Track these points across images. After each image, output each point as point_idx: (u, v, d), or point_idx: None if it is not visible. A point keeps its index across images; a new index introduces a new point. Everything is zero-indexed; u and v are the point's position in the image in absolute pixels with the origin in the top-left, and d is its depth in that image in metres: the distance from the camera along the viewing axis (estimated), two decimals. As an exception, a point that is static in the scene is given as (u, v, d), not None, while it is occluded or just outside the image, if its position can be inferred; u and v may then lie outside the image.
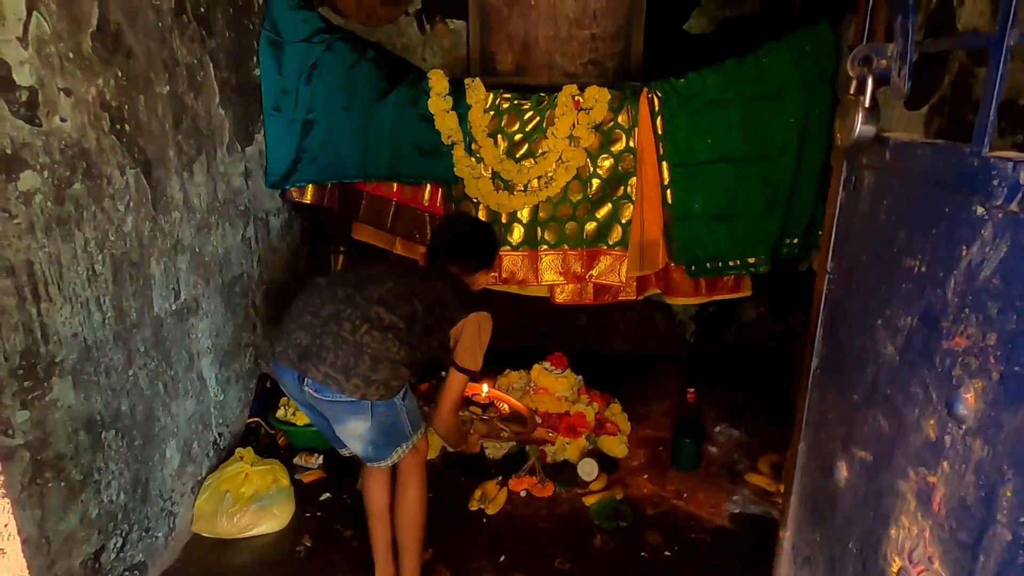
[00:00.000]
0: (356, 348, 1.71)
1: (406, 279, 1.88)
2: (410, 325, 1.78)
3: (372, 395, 1.72)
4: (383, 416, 1.79)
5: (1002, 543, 0.69)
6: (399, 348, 1.75)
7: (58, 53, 1.60)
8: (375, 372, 1.71)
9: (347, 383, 1.69)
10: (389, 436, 1.83)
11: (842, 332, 1.14)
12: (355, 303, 1.77)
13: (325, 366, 1.70)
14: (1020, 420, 0.67)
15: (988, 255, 0.73)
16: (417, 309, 1.80)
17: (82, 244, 1.70)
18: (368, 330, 1.73)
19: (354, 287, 1.82)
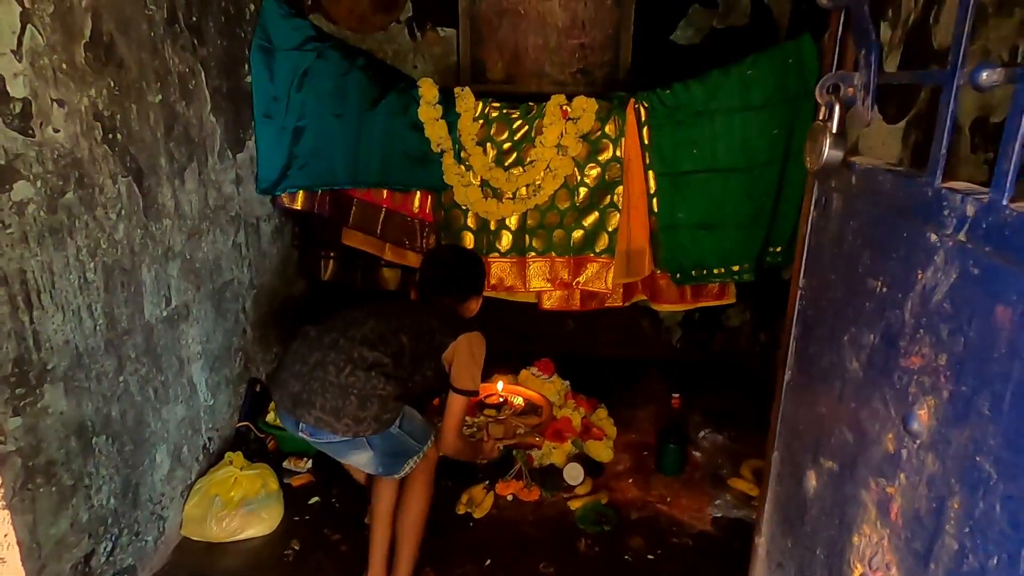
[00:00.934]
0: (342, 390, 1.79)
1: (390, 316, 1.97)
2: (396, 360, 1.86)
3: (364, 431, 1.79)
4: (382, 445, 1.86)
5: (950, 552, 0.73)
6: (385, 384, 1.82)
7: (51, 65, 1.63)
8: (363, 410, 1.78)
9: (338, 423, 1.77)
10: (397, 455, 1.90)
11: (812, 347, 1.18)
12: (339, 347, 1.86)
13: (316, 410, 1.79)
14: (966, 437, 0.72)
15: (940, 280, 0.78)
16: (403, 343, 1.88)
17: (74, 252, 1.73)
18: (352, 371, 1.81)
19: (339, 332, 1.91)
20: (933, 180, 0.79)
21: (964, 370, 0.73)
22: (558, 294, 2.95)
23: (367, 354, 1.83)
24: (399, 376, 1.86)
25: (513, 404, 2.67)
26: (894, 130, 2.03)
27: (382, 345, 1.86)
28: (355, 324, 1.92)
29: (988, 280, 0.69)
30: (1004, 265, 0.66)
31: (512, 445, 2.65)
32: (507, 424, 2.55)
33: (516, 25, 3.24)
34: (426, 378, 1.96)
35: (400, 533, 2.01)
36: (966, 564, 0.71)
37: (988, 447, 0.68)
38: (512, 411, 2.60)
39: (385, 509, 2.04)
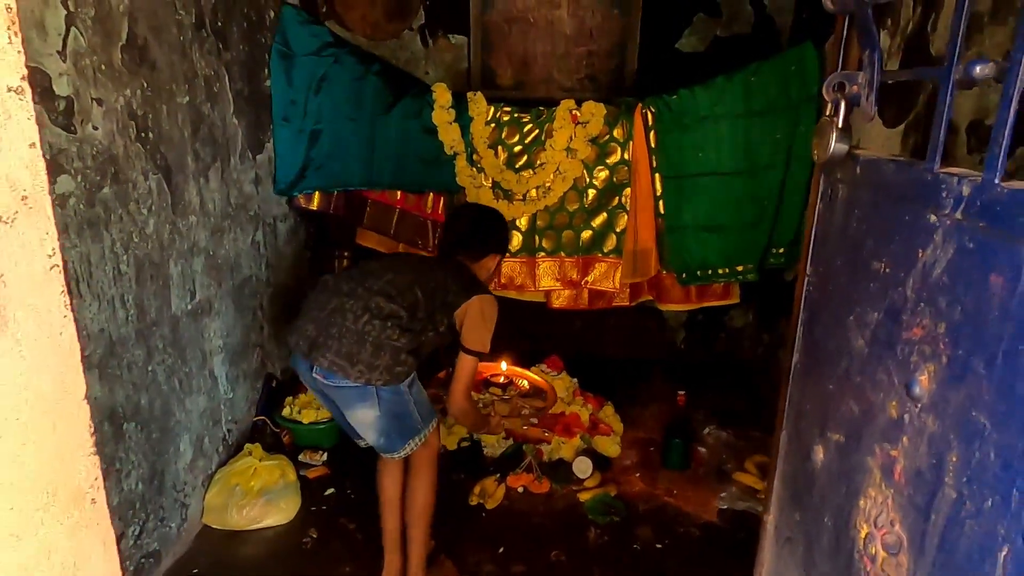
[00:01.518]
0: (359, 337, 1.81)
1: (406, 270, 1.98)
2: (411, 313, 1.87)
3: (376, 380, 1.81)
4: (390, 404, 1.87)
5: (949, 501, 0.81)
6: (399, 335, 1.84)
7: (92, 65, 1.71)
8: (377, 359, 1.80)
9: (352, 369, 1.79)
10: (400, 427, 1.92)
11: (819, 330, 1.26)
12: (357, 295, 1.88)
13: (331, 354, 1.81)
14: (963, 396, 0.79)
15: (939, 257, 0.85)
16: (417, 297, 1.89)
17: (109, 245, 1.80)
18: (369, 319, 1.83)
19: (357, 282, 1.93)
20: (932, 165, 0.87)
21: (961, 335, 0.80)
22: (567, 293, 3.03)
23: (384, 305, 1.85)
24: (413, 329, 1.87)
25: (518, 386, 2.73)
26: (893, 133, 2.12)
27: (399, 297, 1.88)
28: (373, 275, 1.94)
29: (982, 253, 0.77)
30: (997, 239, 0.74)
31: (518, 438, 2.72)
32: (513, 403, 2.60)
33: (525, 33, 3.34)
34: (439, 334, 1.96)
35: (409, 520, 2.05)
36: (963, 510, 0.78)
37: (983, 402, 0.75)
38: (517, 392, 2.66)
39: (391, 498, 2.08)
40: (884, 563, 0.95)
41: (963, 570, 0.77)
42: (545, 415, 2.66)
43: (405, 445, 1.94)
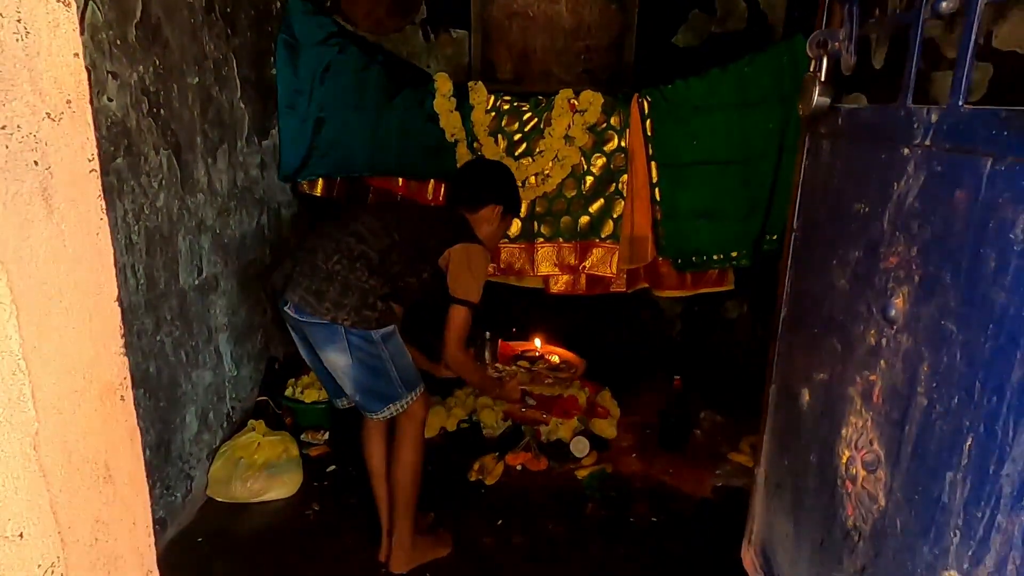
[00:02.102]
0: (327, 275, 1.82)
1: (390, 215, 1.98)
2: (384, 255, 1.86)
3: (343, 319, 1.79)
4: (362, 354, 1.85)
5: (921, 409, 0.86)
6: (368, 277, 1.83)
7: (108, 40, 1.78)
8: (344, 297, 1.80)
9: (319, 306, 1.80)
10: (377, 385, 1.89)
11: (805, 280, 1.32)
12: (332, 237, 1.89)
13: (301, 290, 1.83)
14: (933, 308, 0.85)
15: (911, 186, 0.92)
16: (394, 240, 1.88)
17: (122, 215, 1.86)
18: (339, 259, 1.83)
19: (338, 224, 1.95)
20: (905, 101, 0.93)
21: (931, 254, 0.86)
22: (565, 278, 3.08)
23: (355, 245, 1.85)
24: (385, 272, 1.85)
25: (549, 360, 2.73)
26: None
27: (372, 239, 1.87)
28: (352, 218, 1.94)
29: (949, 173, 0.83)
30: (961, 156, 0.80)
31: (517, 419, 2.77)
32: (536, 373, 2.59)
33: (525, 27, 3.42)
34: (422, 281, 1.94)
35: (393, 490, 2.02)
36: (934, 413, 0.84)
37: (950, 310, 0.81)
38: (547, 366, 2.66)
39: (376, 468, 2.09)
40: (864, 481, 1.00)
41: (933, 469, 0.83)
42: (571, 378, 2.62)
43: (384, 408, 1.92)
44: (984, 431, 0.73)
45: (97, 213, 0.75)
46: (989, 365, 0.73)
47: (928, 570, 0.83)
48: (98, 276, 0.75)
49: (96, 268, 0.75)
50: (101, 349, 0.76)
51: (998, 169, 0.73)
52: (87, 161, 0.73)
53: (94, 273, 0.75)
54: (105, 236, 0.77)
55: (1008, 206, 0.71)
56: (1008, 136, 0.71)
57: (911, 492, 0.87)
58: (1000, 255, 0.72)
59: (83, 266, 0.73)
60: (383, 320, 1.86)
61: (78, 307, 0.72)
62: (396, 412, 1.94)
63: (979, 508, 0.73)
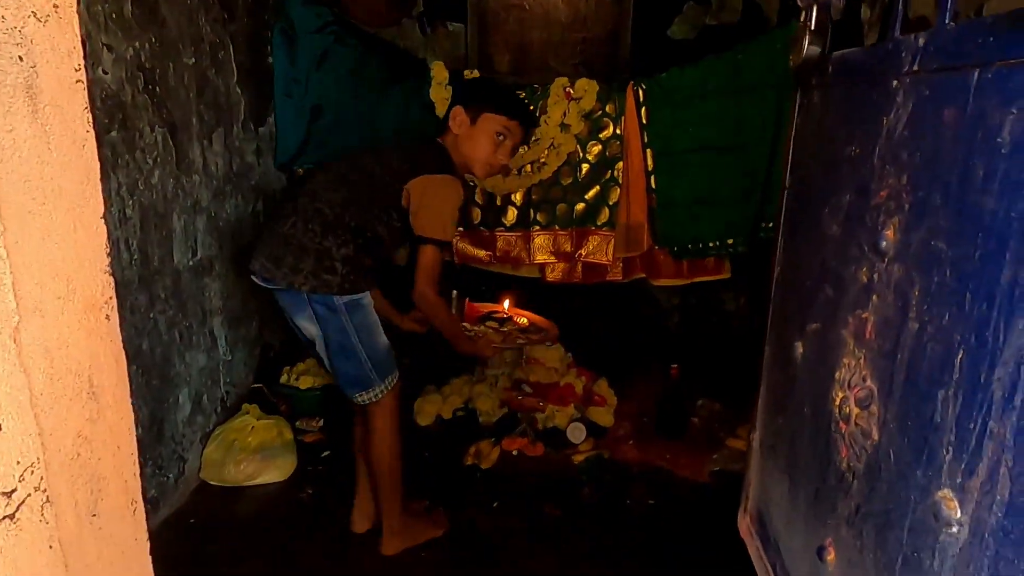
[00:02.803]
0: (283, 240, 1.75)
1: (342, 164, 1.85)
2: (340, 211, 1.75)
3: (300, 284, 1.72)
4: (329, 326, 1.77)
5: (912, 333, 0.86)
6: (323, 237, 1.72)
7: (103, 13, 1.79)
8: (301, 262, 1.72)
9: (277, 271, 1.74)
10: (347, 366, 1.81)
11: (799, 234, 1.31)
12: (292, 201, 1.82)
13: (262, 257, 1.78)
14: (924, 231, 0.85)
15: (900, 116, 0.92)
16: (351, 193, 1.77)
17: (115, 187, 1.86)
18: (293, 223, 1.75)
19: (298, 188, 1.88)
20: (893, 34, 0.93)
21: (921, 178, 0.86)
22: (561, 267, 3.08)
23: (308, 205, 1.76)
24: (342, 229, 1.73)
25: (518, 323, 2.62)
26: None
27: (326, 194, 1.76)
28: (310, 176, 1.85)
29: (937, 94, 0.83)
30: (949, 75, 0.80)
31: (513, 406, 2.76)
32: (508, 335, 2.47)
33: (521, 20, 3.44)
34: (392, 228, 1.80)
35: (373, 476, 1.97)
36: (925, 336, 0.83)
37: (940, 229, 0.81)
38: (516, 327, 2.56)
39: (359, 445, 2.05)
40: (857, 418, 0.99)
41: (926, 392, 0.82)
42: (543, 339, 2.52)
43: (356, 395, 1.84)
44: (975, 340, 0.73)
45: (83, 126, 0.75)
46: (979, 274, 0.73)
47: (921, 494, 0.82)
48: (84, 188, 0.75)
49: (82, 180, 0.75)
50: (85, 262, 0.76)
51: (986, 78, 0.73)
52: (73, 71, 0.73)
53: (80, 184, 0.74)
54: (92, 151, 0.76)
55: (995, 112, 0.71)
56: (994, 41, 0.71)
57: (904, 419, 0.87)
58: (988, 162, 0.72)
59: (68, 175, 0.72)
60: (347, 285, 1.74)
61: (63, 214, 0.71)
62: (369, 400, 1.84)
63: (971, 419, 0.73)
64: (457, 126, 1.90)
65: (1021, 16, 0.65)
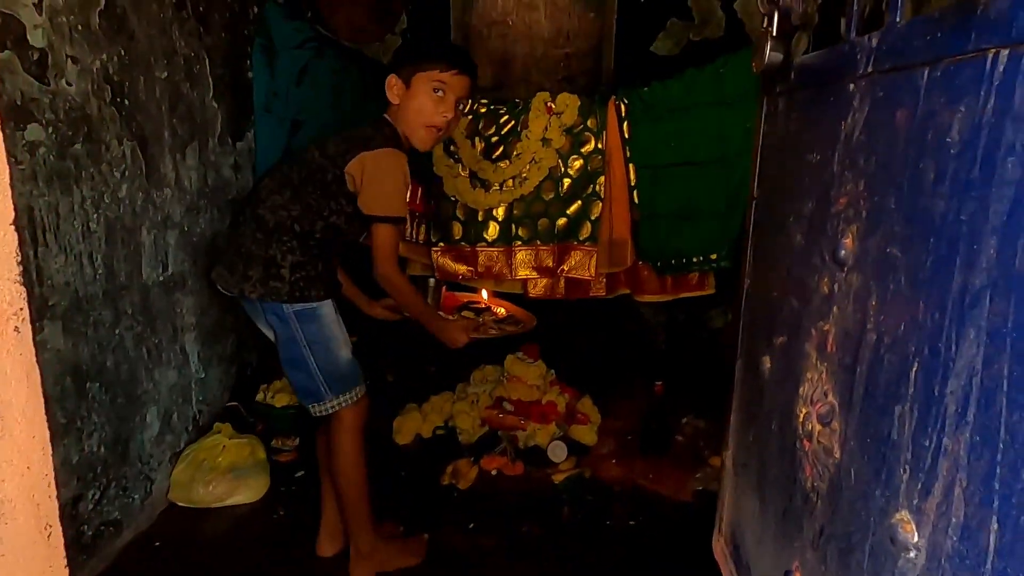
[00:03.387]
0: (236, 248, 1.77)
1: (284, 166, 1.82)
2: (282, 215, 1.72)
3: (250, 291, 1.72)
4: (281, 334, 1.75)
5: (870, 345, 0.82)
6: (268, 245, 1.71)
7: (68, 24, 1.76)
8: (249, 269, 1.72)
9: (231, 279, 1.76)
10: (297, 377, 1.78)
11: (764, 245, 1.28)
12: (242, 209, 1.85)
13: (220, 266, 1.82)
14: (879, 238, 0.81)
15: (857, 120, 0.88)
16: (294, 192, 1.72)
17: (79, 200, 1.82)
18: (243, 232, 1.77)
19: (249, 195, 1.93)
20: (849, 35, 0.90)
21: (876, 183, 0.83)
22: (543, 282, 3.04)
23: (253, 212, 1.76)
24: (287, 232, 1.71)
25: (496, 313, 2.54)
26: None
27: (271, 197, 1.74)
28: (259, 183, 1.86)
29: (890, 95, 0.80)
30: (901, 75, 0.77)
31: (494, 425, 2.70)
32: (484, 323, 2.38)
33: (504, 36, 3.44)
34: (348, 217, 1.74)
35: (337, 495, 1.92)
36: (882, 347, 0.79)
37: (894, 235, 0.77)
38: (494, 317, 2.48)
39: (321, 459, 2.03)
40: (820, 435, 0.95)
41: (883, 406, 0.78)
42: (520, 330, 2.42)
43: (309, 407, 1.81)
44: (928, 352, 0.69)
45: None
46: (931, 281, 0.69)
47: (880, 515, 0.77)
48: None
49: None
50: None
51: (934, 76, 0.69)
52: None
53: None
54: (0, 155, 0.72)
55: (944, 111, 0.67)
56: (942, 37, 0.68)
57: (863, 436, 0.82)
58: (938, 163, 0.68)
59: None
60: (297, 294, 1.69)
61: (-39, 221, 0.68)
62: (323, 413, 1.80)
63: (926, 435, 0.68)
64: (395, 96, 1.81)
65: (964, 10, 0.62)
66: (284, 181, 1.78)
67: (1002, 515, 0.57)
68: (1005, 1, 0.58)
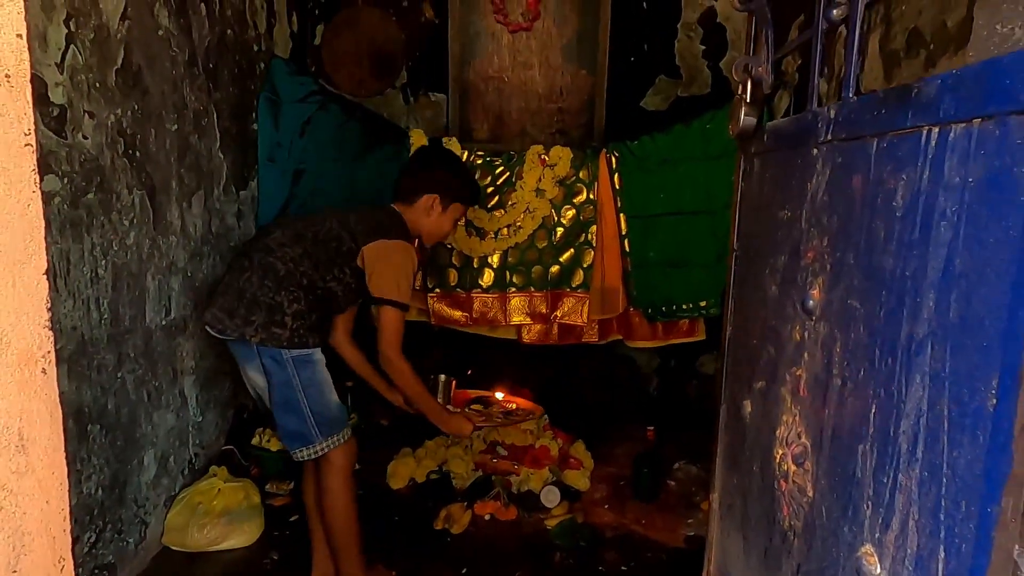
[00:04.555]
0: (238, 293, 1.84)
1: (299, 222, 1.96)
2: (292, 266, 1.83)
3: (250, 336, 1.79)
4: (276, 377, 1.82)
5: (836, 389, 0.88)
6: (276, 291, 1.81)
7: (87, 81, 1.86)
8: (252, 314, 1.80)
9: (229, 322, 1.83)
10: (289, 421, 1.84)
11: (744, 295, 1.35)
12: (246, 253, 1.92)
13: (216, 308, 1.87)
14: (842, 290, 0.88)
15: (820, 183, 0.97)
16: (305, 248, 1.86)
17: (89, 248, 1.90)
18: (248, 277, 1.84)
19: (252, 240, 1.99)
20: (812, 105, 0.99)
21: (838, 240, 0.90)
22: (537, 328, 3.11)
23: (263, 259, 1.84)
24: (294, 284, 1.81)
25: (504, 407, 2.67)
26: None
27: (281, 249, 1.85)
28: (265, 232, 1.94)
29: (847, 161, 0.88)
30: (854, 144, 0.85)
31: (488, 470, 2.72)
32: (489, 414, 2.51)
33: (500, 91, 3.58)
34: (345, 285, 1.89)
35: (328, 536, 1.98)
36: (846, 391, 0.85)
37: (854, 288, 0.84)
38: (502, 411, 2.60)
39: (311, 505, 2.06)
40: (795, 476, 1.00)
41: (848, 447, 0.84)
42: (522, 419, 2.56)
43: (297, 451, 1.86)
44: (884, 394, 0.75)
45: (30, 187, 0.78)
46: (884, 331, 0.75)
47: (848, 550, 0.82)
48: (26, 246, 0.78)
49: (25, 237, 0.77)
50: (23, 316, 0.78)
51: (882, 147, 0.78)
52: (23, 135, 0.77)
53: (22, 242, 0.77)
54: (37, 210, 0.79)
55: (891, 177, 0.75)
56: (886, 113, 0.76)
57: (832, 475, 0.88)
58: (886, 224, 0.76)
59: (10, 232, 0.75)
60: (296, 340, 1.81)
61: (2, 270, 0.74)
62: (310, 457, 1.87)
63: (884, 472, 0.74)
64: (428, 212, 2.06)
65: (902, 92, 0.71)
66: (297, 237, 1.90)
67: (947, 544, 0.62)
68: (933, 87, 0.66)
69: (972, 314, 0.60)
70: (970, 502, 0.59)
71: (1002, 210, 0.56)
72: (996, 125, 0.57)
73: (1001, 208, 0.56)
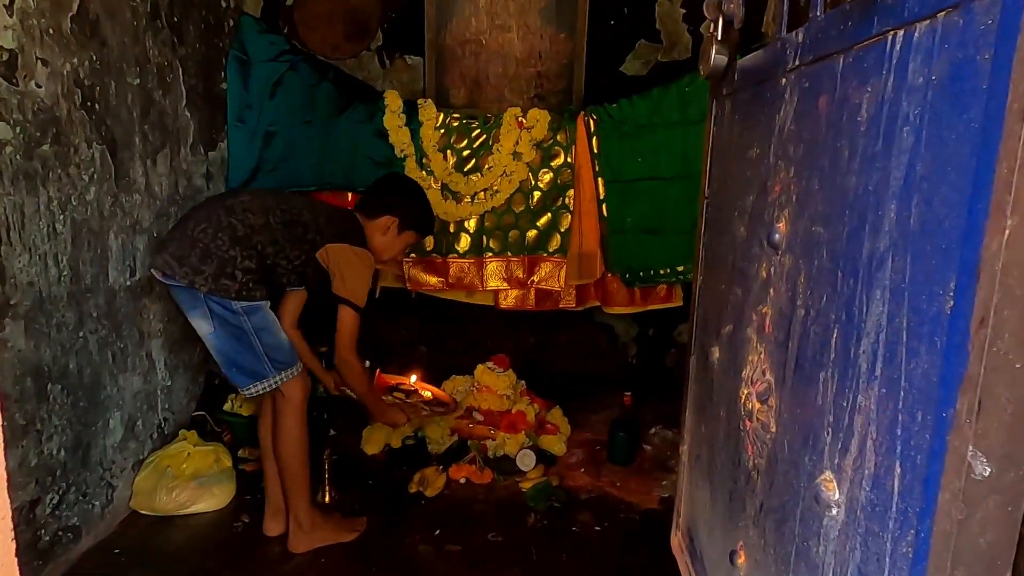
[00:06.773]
0: (192, 241, 1.85)
1: (269, 198, 2.01)
2: (250, 231, 1.88)
3: (200, 285, 1.82)
4: (225, 322, 1.86)
5: (800, 320, 0.86)
6: (230, 247, 1.84)
7: (39, 27, 1.78)
8: (203, 264, 1.83)
9: (179, 269, 1.84)
10: (241, 358, 1.90)
11: (714, 241, 1.33)
12: (205, 208, 1.95)
13: (166, 254, 1.87)
14: (806, 220, 0.86)
15: (788, 112, 0.94)
16: (268, 221, 1.91)
17: (46, 201, 1.83)
18: (204, 228, 1.86)
19: (214, 198, 2.04)
20: (780, 32, 0.96)
21: (802, 167, 0.88)
22: (514, 293, 3.08)
23: (223, 217, 1.87)
24: (250, 246, 1.87)
25: (422, 396, 2.76)
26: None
27: (245, 214, 1.90)
28: (232, 194, 2.00)
29: (812, 84, 0.85)
30: (821, 65, 0.82)
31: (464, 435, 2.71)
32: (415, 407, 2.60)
33: (478, 55, 3.51)
34: (295, 268, 1.97)
35: (280, 471, 2.03)
36: (809, 319, 0.83)
37: (818, 214, 0.82)
38: (420, 400, 2.70)
39: (266, 447, 2.10)
40: (759, 413, 0.99)
41: (810, 376, 0.82)
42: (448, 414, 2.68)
43: (249, 386, 1.92)
44: (845, 316, 0.73)
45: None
46: (846, 252, 0.73)
47: (808, 480, 0.81)
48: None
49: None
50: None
51: (848, 62, 0.75)
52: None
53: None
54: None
55: (856, 92, 0.73)
56: (852, 26, 0.73)
57: (794, 407, 0.86)
58: (851, 142, 0.73)
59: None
60: (244, 293, 1.86)
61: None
62: (264, 391, 1.93)
63: (844, 396, 0.72)
64: (384, 231, 2.16)
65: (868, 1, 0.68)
66: (263, 209, 1.95)
67: (903, 458, 0.61)
68: (898, -13, 0.63)
69: (932, 217, 0.58)
70: (926, 411, 0.58)
71: (964, 102, 0.54)
72: (960, 14, 0.54)
73: (963, 100, 0.54)
